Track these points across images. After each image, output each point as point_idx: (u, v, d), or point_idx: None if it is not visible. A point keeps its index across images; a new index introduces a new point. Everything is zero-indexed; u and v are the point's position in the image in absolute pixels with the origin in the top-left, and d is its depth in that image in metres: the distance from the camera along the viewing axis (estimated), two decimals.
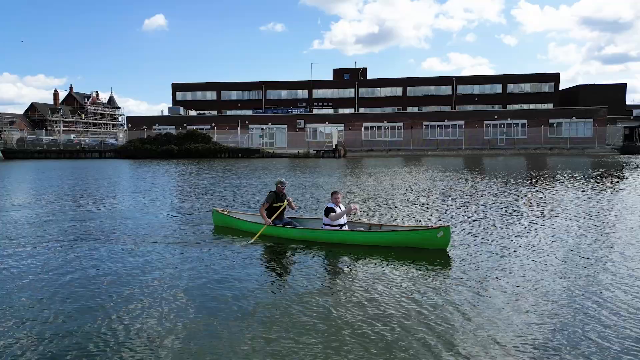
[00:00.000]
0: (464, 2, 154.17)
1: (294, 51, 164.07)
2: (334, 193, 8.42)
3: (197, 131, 48.88)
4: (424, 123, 53.34)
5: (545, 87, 62.59)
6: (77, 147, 52.18)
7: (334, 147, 47.83)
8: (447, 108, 61.21)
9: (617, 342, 4.27)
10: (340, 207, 8.27)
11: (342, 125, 53.99)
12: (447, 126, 53.21)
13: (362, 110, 62.54)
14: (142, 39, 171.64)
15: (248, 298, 5.51)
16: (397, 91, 65.21)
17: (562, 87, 63.48)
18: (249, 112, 59.47)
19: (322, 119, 55.36)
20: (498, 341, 4.27)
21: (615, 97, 58.16)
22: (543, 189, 16.73)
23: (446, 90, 64.23)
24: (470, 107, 60.55)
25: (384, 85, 65.69)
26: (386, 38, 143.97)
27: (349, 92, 65.97)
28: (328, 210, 8.17)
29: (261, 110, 60.79)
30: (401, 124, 53.53)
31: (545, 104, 59.96)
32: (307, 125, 54.25)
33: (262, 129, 54.79)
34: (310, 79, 67.00)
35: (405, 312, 4.98)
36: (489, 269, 6.53)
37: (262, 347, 4.21)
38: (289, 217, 9.22)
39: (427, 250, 7.43)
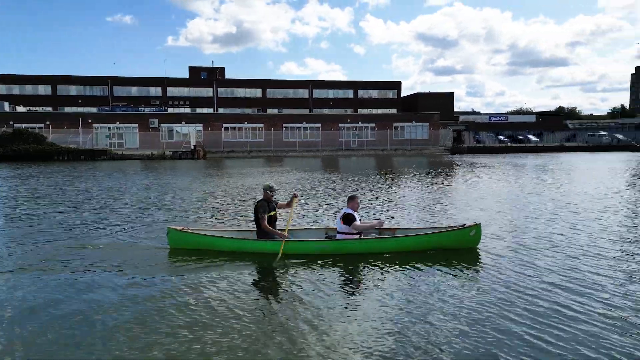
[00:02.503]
0: (318, 11, 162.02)
1: (146, 46, 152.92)
2: (353, 198, 7.41)
3: (26, 130, 42.08)
4: (284, 125, 54.38)
5: (390, 94, 69.23)
6: None
7: (192, 148, 45.74)
8: (304, 111, 63.44)
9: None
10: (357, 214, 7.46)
11: (201, 125, 52.00)
12: (305, 128, 55.05)
13: (221, 111, 61.15)
14: None
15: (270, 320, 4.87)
16: (257, 92, 65.40)
17: (403, 94, 70.89)
18: (93, 110, 53.57)
19: (179, 118, 52.57)
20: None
21: (446, 105, 67.02)
22: (394, 183, 18.34)
23: (304, 93, 66.57)
24: (326, 111, 63.74)
25: (244, 86, 65.28)
26: (244, 39, 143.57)
27: (206, 92, 63.90)
28: (348, 217, 7.19)
29: (107, 108, 55.20)
30: (262, 125, 53.73)
31: (390, 109, 66.25)
32: (162, 124, 50.96)
33: (109, 128, 49.73)
34: (164, 76, 63.14)
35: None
36: (526, 266, 6.60)
37: None
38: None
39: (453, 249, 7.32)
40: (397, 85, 69.57)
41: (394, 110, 65.78)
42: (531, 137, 59.69)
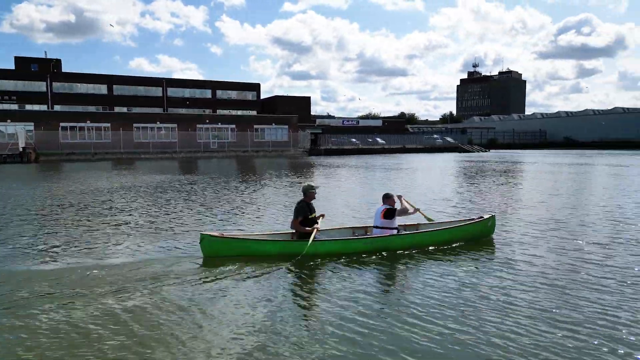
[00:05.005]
0: (170, 6, 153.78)
1: None
2: (390, 196, 7.57)
3: None
4: (135, 125, 50.22)
5: (249, 96, 68.88)
6: None
7: (21, 150, 39.37)
8: (158, 110, 59.49)
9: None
10: None
11: (32, 124, 45.08)
12: (159, 129, 51.66)
13: (57, 108, 53.89)
14: None
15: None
16: (102, 89, 59.18)
17: (262, 96, 71.23)
18: None
19: (3, 116, 44.78)
20: None
21: (303, 108, 69.31)
22: (260, 184, 18.19)
23: (157, 91, 62.33)
24: (182, 110, 60.67)
25: (86, 81, 58.47)
26: (85, 30, 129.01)
27: (39, 86, 55.63)
28: (390, 212, 7.39)
29: None
30: (108, 124, 48.80)
31: (250, 111, 65.97)
32: None
33: None
34: None
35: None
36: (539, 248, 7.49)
37: None
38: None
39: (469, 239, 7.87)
40: (256, 87, 69.60)
41: (254, 112, 65.63)
42: (379, 139, 65.21)
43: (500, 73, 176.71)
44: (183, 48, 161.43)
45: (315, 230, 7.00)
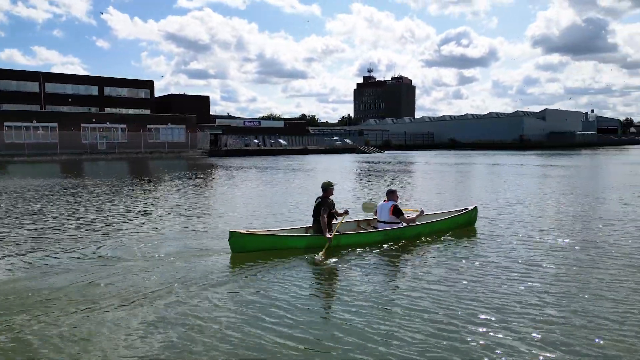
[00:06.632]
0: None
1: None
2: (394, 191, 8.05)
3: None
4: (6, 124, 44.41)
5: (142, 94, 64.63)
6: None
7: None
8: (35, 107, 53.28)
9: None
10: None
11: None
12: (36, 128, 46.26)
13: None
14: None
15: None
16: None
17: (156, 94, 67.31)
18: None
19: None
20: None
21: (202, 108, 66.87)
22: (150, 188, 17.09)
23: (33, 86, 55.76)
24: (64, 108, 55.01)
25: None
26: None
27: None
28: (397, 209, 7.83)
29: None
30: None
31: (143, 110, 61.95)
32: None
33: None
34: None
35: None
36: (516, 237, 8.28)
37: None
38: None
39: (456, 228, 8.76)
40: (149, 85, 65.57)
41: (147, 111, 61.75)
42: (281, 141, 65.37)
43: (392, 78, 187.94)
44: (63, 40, 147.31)
45: (328, 244, 7.23)
